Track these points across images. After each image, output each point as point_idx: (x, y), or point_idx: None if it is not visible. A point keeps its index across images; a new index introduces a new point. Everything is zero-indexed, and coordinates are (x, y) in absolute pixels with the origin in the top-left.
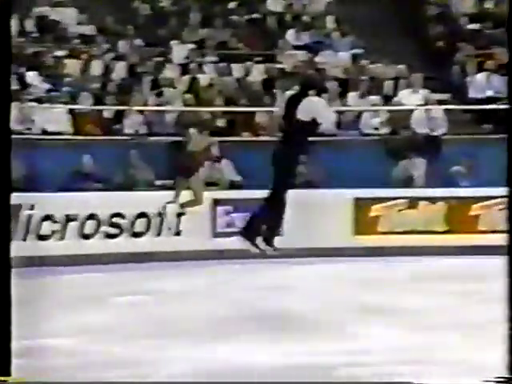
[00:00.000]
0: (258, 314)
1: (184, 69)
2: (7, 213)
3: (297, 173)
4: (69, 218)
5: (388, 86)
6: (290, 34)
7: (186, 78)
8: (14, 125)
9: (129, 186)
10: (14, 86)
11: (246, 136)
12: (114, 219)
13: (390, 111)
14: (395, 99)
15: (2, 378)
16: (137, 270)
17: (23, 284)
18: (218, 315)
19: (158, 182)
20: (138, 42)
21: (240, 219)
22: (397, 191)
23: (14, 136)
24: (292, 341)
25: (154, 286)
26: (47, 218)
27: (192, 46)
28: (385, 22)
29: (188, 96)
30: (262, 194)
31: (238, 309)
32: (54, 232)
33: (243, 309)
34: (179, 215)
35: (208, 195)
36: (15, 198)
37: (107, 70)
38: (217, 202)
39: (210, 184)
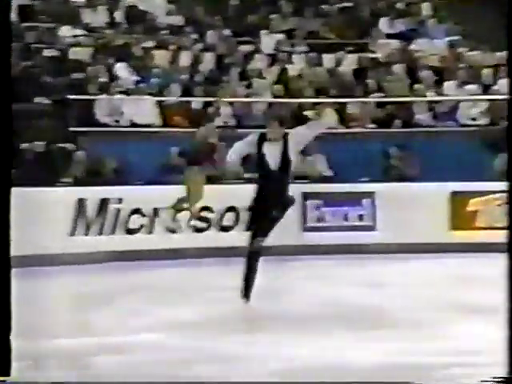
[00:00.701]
0: (351, 311)
1: (273, 59)
2: (7, 212)
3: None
4: (157, 212)
5: (487, 74)
6: (383, 22)
7: (275, 68)
8: (102, 117)
9: (217, 179)
10: (103, 78)
11: (337, 128)
12: (203, 213)
13: (489, 101)
14: (494, 88)
15: (2, 378)
16: (225, 264)
17: (116, 278)
18: (309, 312)
19: (247, 175)
20: (227, 32)
21: (330, 214)
22: (496, 185)
23: (103, 129)
24: (388, 339)
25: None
26: (135, 211)
27: (281, 35)
28: (483, 7)
29: (277, 87)
30: (353, 187)
31: (330, 305)
32: (142, 226)
33: (335, 305)
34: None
35: (298, 189)
36: (103, 191)
37: (195, 61)
38: (307, 196)
39: (300, 177)
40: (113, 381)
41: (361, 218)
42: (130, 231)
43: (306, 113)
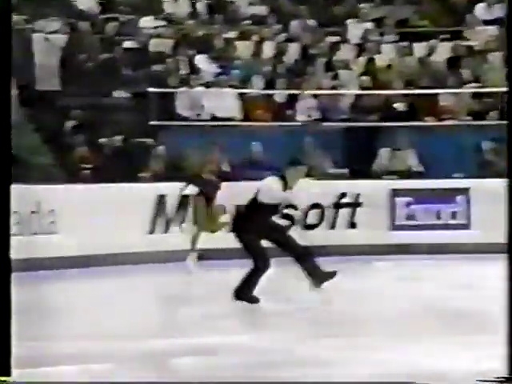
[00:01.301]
0: (445, 314)
1: (360, 49)
2: (7, 210)
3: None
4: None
5: None
6: (480, 8)
7: (363, 58)
8: (183, 111)
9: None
10: (184, 71)
11: (428, 121)
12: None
13: None
14: None
15: (2, 378)
16: None
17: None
18: (400, 314)
19: (332, 171)
20: (312, 22)
21: (421, 211)
22: None
23: (183, 123)
24: (486, 345)
25: (328, 281)
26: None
27: (370, 24)
28: None
29: (364, 78)
30: (446, 183)
31: (422, 307)
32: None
33: (428, 307)
34: (355, 206)
35: (386, 185)
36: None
37: (279, 52)
38: (396, 193)
39: (389, 173)
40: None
41: (454, 215)
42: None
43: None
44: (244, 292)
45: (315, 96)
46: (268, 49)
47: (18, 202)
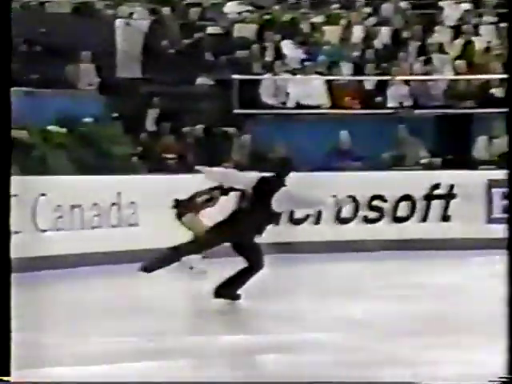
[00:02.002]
0: None
1: (457, 32)
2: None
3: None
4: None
5: None
6: None
7: (459, 41)
8: (267, 98)
9: (391, 165)
10: (269, 57)
11: None
12: (375, 202)
13: None
14: None
15: (2, 378)
16: (399, 259)
17: (280, 272)
18: (491, 312)
19: (424, 161)
20: (404, 4)
21: None
22: None
23: (268, 111)
24: None
25: (419, 277)
26: None
27: (467, 5)
28: None
29: (459, 62)
30: None
31: None
32: (308, 216)
33: None
34: (448, 197)
35: (483, 175)
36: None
37: (369, 37)
38: (492, 184)
39: (485, 163)
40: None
41: None
42: (295, 221)
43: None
44: (228, 289)
45: (407, 82)
46: (357, 33)
47: (98, 193)
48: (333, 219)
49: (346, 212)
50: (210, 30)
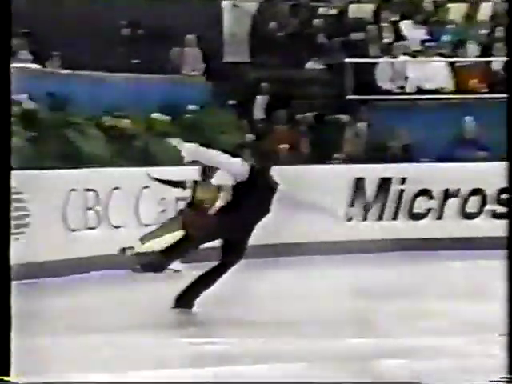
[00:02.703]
0: None
1: None
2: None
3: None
4: (448, 194)
5: None
6: None
7: None
8: (384, 83)
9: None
10: (386, 38)
11: None
12: (503, 195)
13: None
14: None
15: (2, 378)
16: None
17: (398, 270)
18: None
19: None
20: None
21: None
22: None
23: (384, 97)
24: None
25: None
26: (422, 193)
27: None
28: None
29: None
30: None
31: None
32: (429, 210)
33: None
34: None
35: None
36: (384, 169)
37: (497, 14)
38: None
39: None
40: None
41: None
42: (414, 216)
43: None
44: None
45: None
46: (485, 10)
47: None
48: (457, 214)
49: (472, 206)
50: (323, 10)
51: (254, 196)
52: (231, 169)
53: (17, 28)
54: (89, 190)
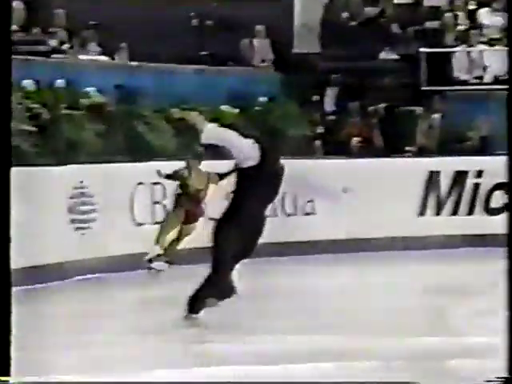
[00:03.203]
0: None
1: None
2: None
3: None
4: None
5: None
6: None
7: None
8: (461, 73)
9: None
10: (462, 26)
11: None
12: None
13: None
14: None
15: (2, 378)
16: None
17: (474, 267)
18: None
19: None
20: None
21: None
22: None
23: (461, 87)
24: None
25: None
26: (498, 187)
27: None
28: None
29: None
30: None
31: None
32: (506, 205)
33: None
34: None
35: None
36: (459, 162)
37: None
38: None
39: None
40: None
41: None
42: (491, 211)
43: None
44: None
45: None
46: None
47: None
48: None
49: None
50: None
51: (263, 181)
52: (243, 151)
53: (85, 20)
54: (156, 183)
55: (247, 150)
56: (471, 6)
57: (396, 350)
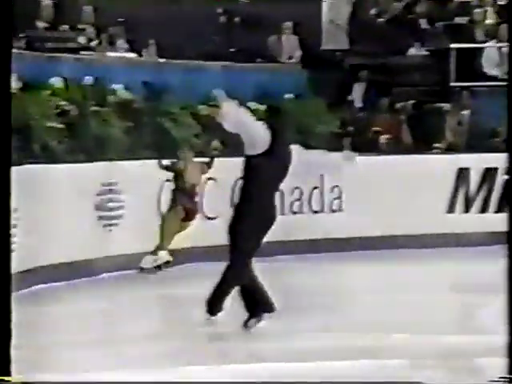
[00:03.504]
0: None
1: None
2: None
3: None
4: None
5: None
6: None
7: None
8: (490, 69)
9: None
10: (492, 21)
11: None
12: None
13: None
14: None
15: (2, 378)
16: None
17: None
18: None
19: None
20: None
21: None
22: None
23: (491, 83)
24: None
25: None
26: None
27: None
28: None
29: None
30: None
31: None
32: None
33: None
34: None
35: None
36: (488, 159)
37: None
38: None
39: None
40: None
41: None
42: None
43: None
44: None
45: None
46: None
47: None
48: None
49: None
50: None
51: (272, 169)
52: (255, 134)
53: (113, 17)
54: None
55: (259, 134)
56: (501, 1)
57: (426, 348)
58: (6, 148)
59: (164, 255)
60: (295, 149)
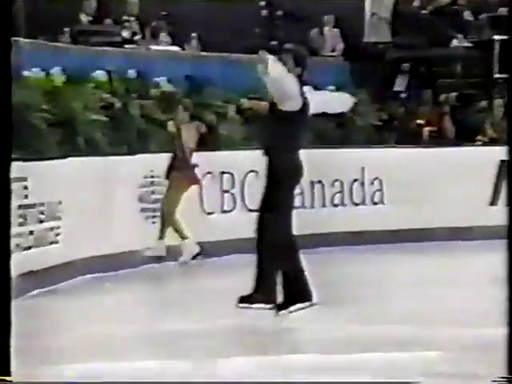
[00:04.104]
0: None
1: None
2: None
3: None
4: None
5: None
6: None
7: None
8: None
9: None
10: None
11: None
12: None
13: None
14: None
15: (2, 378)
16: None
17: None
18: None
19: None
20: None
21: None
22: None
23: None
24: None
25: None
26: None
27: None
28: None
29: None
30: None
31: None
32: None
33: None
34: None
35: None
36: None
37: None
38: None
39: None
40: None
41: None
42: None
43: None
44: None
45: None
46: None
47: (339, 168)
48: None
49: None
50: None
51: (304, 123)
52: (292, 92)
53: (156, 11)
54: (224, 172)
55: (295, 93)
56: None
57: (463, 341)
58: (7, 145)
59: (191, 246)
60: (308, 89)
